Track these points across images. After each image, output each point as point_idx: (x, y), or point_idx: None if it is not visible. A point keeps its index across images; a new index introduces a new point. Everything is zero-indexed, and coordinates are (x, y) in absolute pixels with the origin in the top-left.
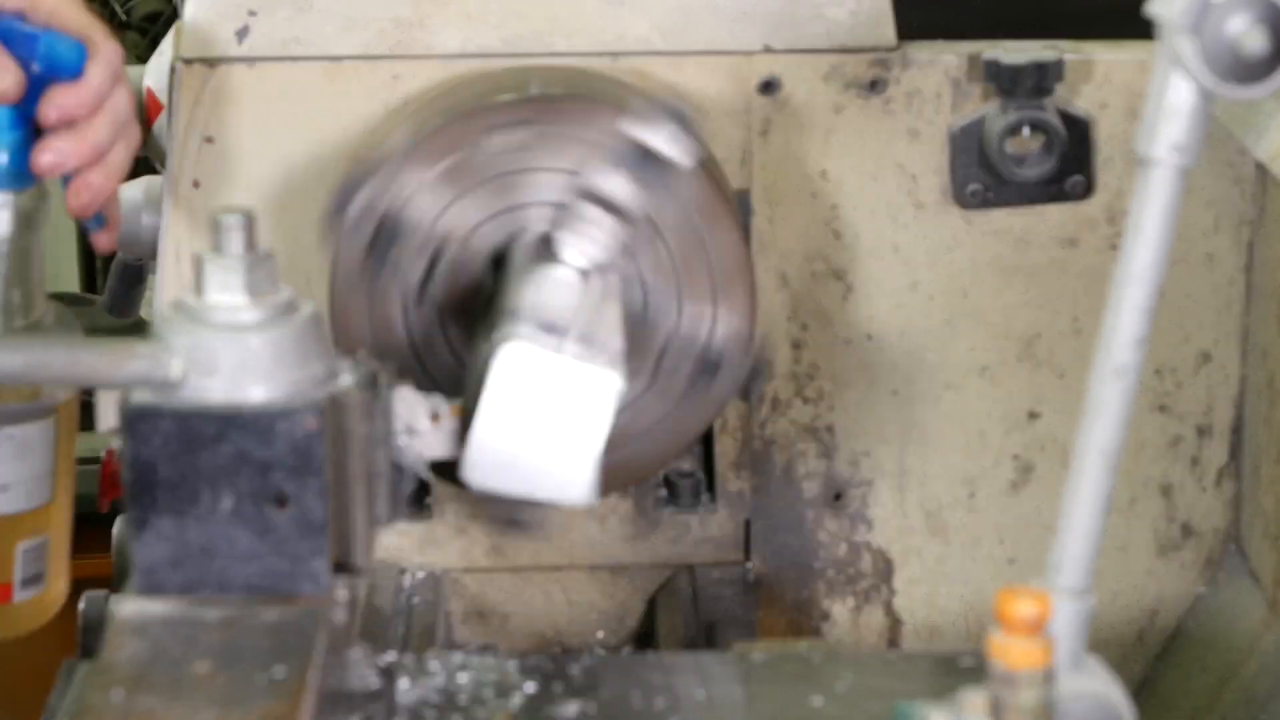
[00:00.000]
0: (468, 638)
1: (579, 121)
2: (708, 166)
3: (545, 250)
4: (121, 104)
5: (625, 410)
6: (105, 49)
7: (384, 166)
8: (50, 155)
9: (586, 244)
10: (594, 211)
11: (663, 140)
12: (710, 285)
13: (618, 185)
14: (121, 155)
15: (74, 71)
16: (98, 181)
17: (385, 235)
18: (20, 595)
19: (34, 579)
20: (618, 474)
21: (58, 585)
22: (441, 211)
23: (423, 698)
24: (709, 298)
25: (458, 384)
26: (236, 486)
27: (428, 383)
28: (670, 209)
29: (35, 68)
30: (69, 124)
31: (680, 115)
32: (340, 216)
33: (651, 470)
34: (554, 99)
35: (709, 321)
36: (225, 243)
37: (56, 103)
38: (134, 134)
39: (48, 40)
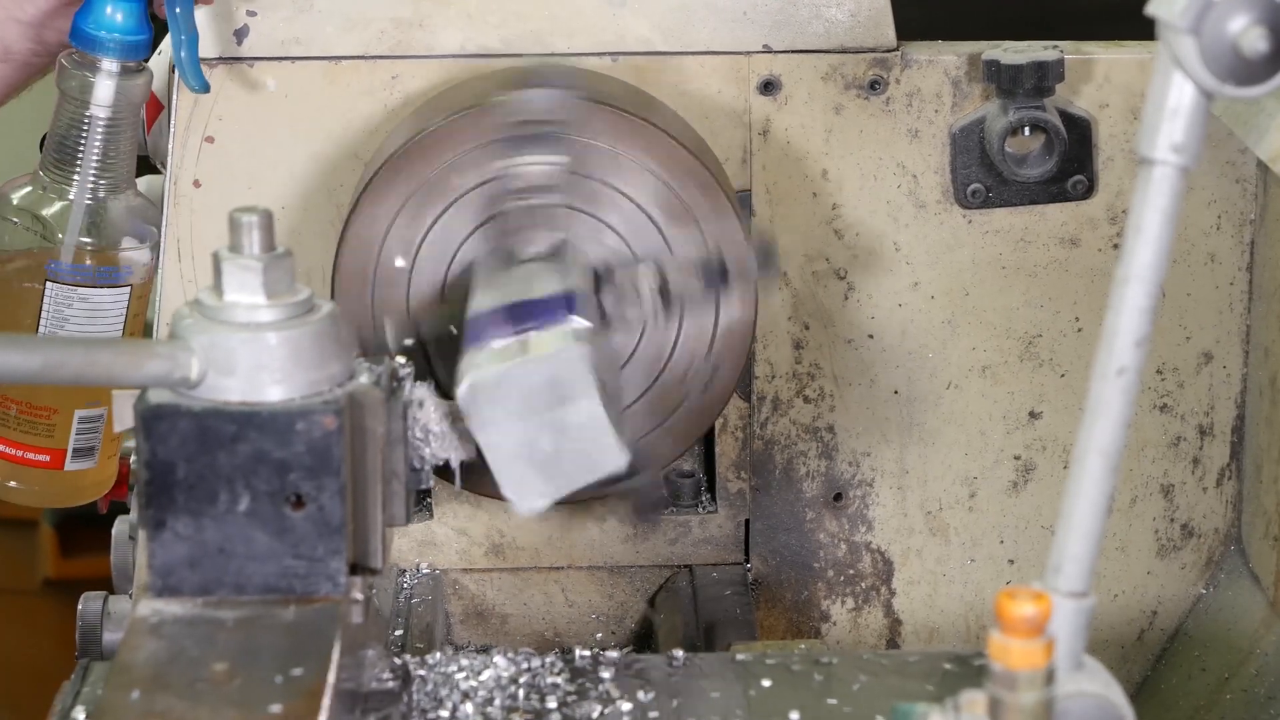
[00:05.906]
0: (467, 638)
1: (710, 214)
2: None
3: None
4: None
5: None
6: None
7: (579, 98)
8: None
9: (628, 307)
10: (650, 288)
11: (742, 269)
12: (675, 401)
13: (685, 285)
14: None
15: None
16: None
17: (536, 139)
18: (72, 464)
19: (86, 451)
20: None
21: (107, 467)
22: (572, 172)
23: (438, 697)
24: (664, 414)
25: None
26: (254, 486)
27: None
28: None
29: None
30: None
31: (769, 253)
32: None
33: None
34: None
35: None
36: (243, 242)
37: None
38: None
39: None
